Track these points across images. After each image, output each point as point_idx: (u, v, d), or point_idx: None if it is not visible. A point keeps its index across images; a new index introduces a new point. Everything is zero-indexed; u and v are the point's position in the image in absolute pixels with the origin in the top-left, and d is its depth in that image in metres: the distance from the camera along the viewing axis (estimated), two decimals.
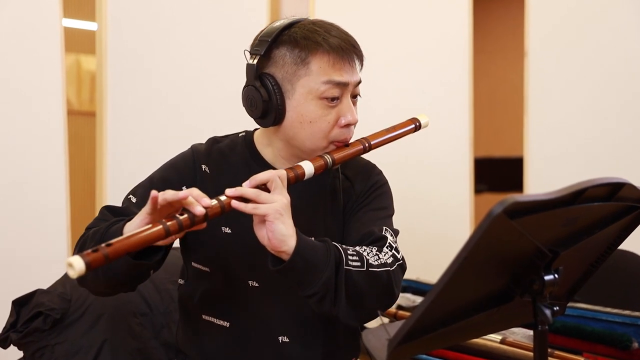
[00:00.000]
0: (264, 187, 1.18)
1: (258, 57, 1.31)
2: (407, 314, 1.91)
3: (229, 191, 1.16)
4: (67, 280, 1.63)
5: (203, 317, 1.40)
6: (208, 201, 1.13)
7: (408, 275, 1.53)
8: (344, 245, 1.24)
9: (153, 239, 1.08)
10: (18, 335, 1.54)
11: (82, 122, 3.76)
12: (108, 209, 1.33)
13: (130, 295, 1.65)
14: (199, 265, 1.39)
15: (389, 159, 1.66)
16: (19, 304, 1.57)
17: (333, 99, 1.30)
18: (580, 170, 2.83)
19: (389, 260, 1.25)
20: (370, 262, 1.23)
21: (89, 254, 0.99)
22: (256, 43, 1.33)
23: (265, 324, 1.36)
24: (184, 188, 1.25)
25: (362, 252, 1.24)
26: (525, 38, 3.00)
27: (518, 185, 3.26)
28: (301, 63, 1.29)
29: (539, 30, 2.98)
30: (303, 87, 1.30)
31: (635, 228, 1.12)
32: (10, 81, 2.29)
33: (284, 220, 1.15)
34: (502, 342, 1.61)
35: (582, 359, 1.56)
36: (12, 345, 1.57)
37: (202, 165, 1.38)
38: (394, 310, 1.96)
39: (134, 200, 1.34)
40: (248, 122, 1.44)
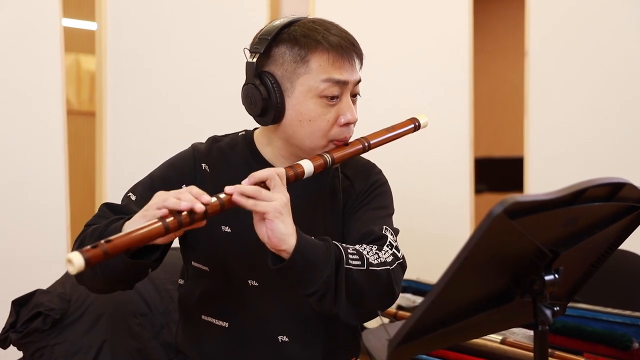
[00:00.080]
0: (263, 184, 1.18)
1: (258, 55, 1.31)
2: (407, 314, 1.91)
3: (228, 189, 1.15)
4: (66, 280, 1.63)
5: (202, 317, 1.39)
6: (207, 198, 1.13)
7: (408, 275, 1.52)
8: (344, 244, 1.24)
9: (152, 236, 1.08)
10: (18, 336, 1.53)
11: (82, 122, 3.75)
12: (107, 206, 1.33)
13: (130, 295, 1.65)
14: (198, 265, 1.39)
15: (389, 159, 1.66)
16: (19, 304, 1.56)
17: (332, 97, 1.30)
18: (581, 170, 2.83)
19: (389, 259, 1.25)
20: (370, 260, 1.23)
21: (88, 250, 0.99)
22: (256, 41, 1.33)
23: (264, 323, 1.36)
24: (183, 186, 1.24)
25: (362, 251, 1.24)
26: (526, 38, 3.00)
27: (518, 185, 3.26)
28: (301, 61, 1.29)
29: (539, 30, 2.98)
30: (302, 85, 1.30)
31: (635, 228, 1.12)
32: (9, 81, 2.28)
33: (283, 219, 1.15)
34: (503, 342, 1.61)
35: (582, 359, 1.56)
36: (11, 346, 1.57)
37: (202, 164, 1.38)
38: (394, 310, 1.95)
39: (133, 198, 1.33)
40: (248, 122, 1.44)
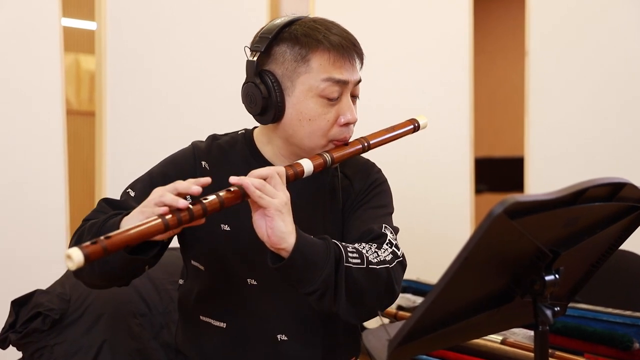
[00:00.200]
0: None
1: (258, 53, 1.31)
2: (408, 314, 1.91)
3: (233, 179, 1.15)
4: (66, 280, 1.63)
5: (201, 318, 1.39)
6: (197, 188, 1.13)
7: (408, 275, 1.52)
8: (344, 243, 1.24)
9: (152, 233, 1.07)
10: (17, 336, 1.53)
11: (82, 121, 3.75)
12: (106, 201, 1.32)
13: (130, 295, 1.64)
14: (196, 263, 1.39)
15: (389, 159, 1.66)
16: (18, 304, 1.56)
17: (333, 97, 1.30)
18: (581, 170, 2.83)
19: (388, 258, 1.25)
20: (370, 259, 1.22)
21: (87, 246, 0.99)
22: (256, 40, 1.33)
23: (263, 322, 1.36)
24: None
25: (361, 249, 1.24)
26: (526, 38, 3.00)
27: (519, 185, 3.26)
28: (301, 60, 1.29)
29: (540, 30, 2.98)
30: (303, 85, 1.29)
31: (636, 228, 1.12)
32: (9, 81, 2.28)
33: (283, 217, 1.14)
34: (503, 342, 1.60)
35: (583, 359, 1.55)
36: (11, 346, 1.56)
37: (202, 162, 1.38)
38: (394, 310, 1.95)
39: (132, 194, 1.33)
40: (248, 122, 1.44)
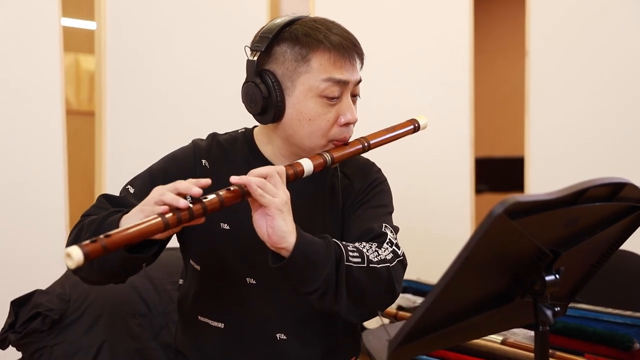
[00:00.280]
0: None
1: (258, 53, 1.31)
2: (408, 314, 1.90)
3: (233, 179, 1.15)
4: (66, 280, 1.63)
5: (199, 318, 1.39)
6: (198, 190, 1.12)
7: (408, 275, 1.52)
8: (344, 242, 1.23)
9: (151, 231, 1.07)
10: (17, 336, 1.53)
11: (81, 121, 3.75)
12: (105, 197, 1.32)
13: (129, 295, 1.64)
14: (194, 263, 1.39)
15: (389, 159, 1.66)
16: (18, 305, 1.56)
17: (333, 97, 1.30)
18: (582, 170, 2.83)
19: (388, 257, 1.25)
20: (371, 258, 1.22)
21: (87, 244, 0.99)
22: (257, 39, 1.33)
23: (262, 321, 1.36)
24: None
25: (362, 248, 1.24)
26: (526, 38, 3.00)
27: (519, 185, 3.26)
28: (302, 60, 1.29)
29: (540, 30, 2.97)
30: (303, 85, 1.29)
31: (636, 228, 1.12)
32: (9, 81, 2.28)
33: (284, 216, 1.14)
34: (503, 342, 1.60)
35: (583, 359, 1.55)
36: (10, 346, 1.56)
37: (203, 160, 1.38)
38: (394, 311, 1.95)
39: (132, 190, 1.33)
40: (248, 122, 1.44)
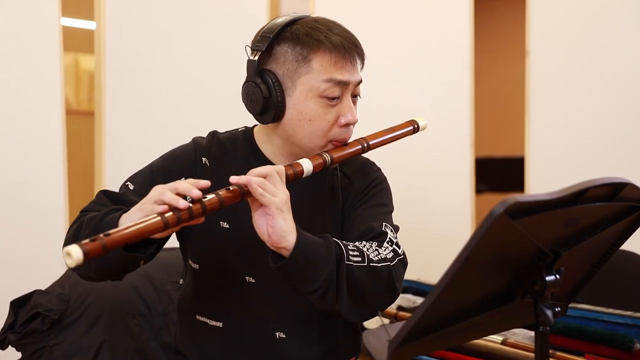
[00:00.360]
0: None
1: (259, 53, 1.30)
2: (408, 314, 1.90)
3: (233, 179, 1.15)
4: (65, 280, 1.62)
5: (197, 317, 1.39)
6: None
7: (408, 275, 1.52)
8: (344, 242, 1.23)
9: (151, 231, 1.07)
10: (16, 336, 1.53)
11: (81, 121, 3.74)
12: (105, 193, 1.32)
13: (129, 296, 1.64)
14: (192, 262, 1.39)
15: (388, 159, 1.65)
16: (17, 305, 1.56)
17: (333, 98, 1.29)
18: (582, 170, 2.83)
19: (389, 256, 1.24)
20: (371, 257, 1.22)
21: (87, 243, 0.99)
22: (258, 39, 1.32)
23: (261, 320, 1.35)
24: (182, 179, 1.24)
25: (362, 247, 1.24)
26: (527, 37, 3.00)
27: (519, 185, 3.26)
28: (302, 60, 1.29)
29: (540, 30, 2.97)
30: (304, 85, 1.29)
31: (637, 228, 1.12)
32: (9, 81, 2.28)
33: (284, 216, 1.14)
34: (503, 343, 1.60)
35: None
36: (10, 347, 1.56)
37: (203, 158, 1.38)
38: (394, 311, 1.95)
39: (131, 187, 1.32)
40: (248, 122, 1.44)
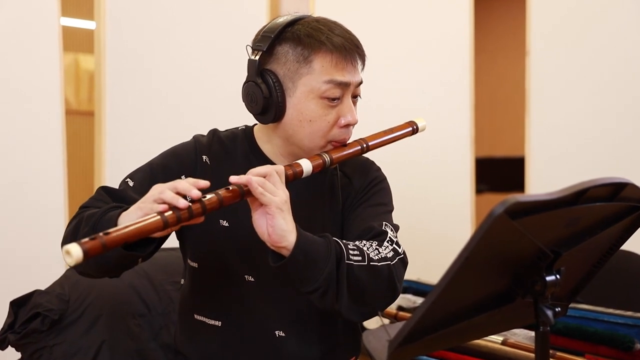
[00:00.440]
0: None
1: (260, 53, 1.30)
2: (408, 315, 1.90)
3: (233, 178, 1.15)
4: (65, 280, 1.62)
5: (195, 316, 1.39)
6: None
7: (408, 275, 1.52)
8: (344, 241, 1.23)
9: (150, 230, 1.07)
10: (16, 337, 1.53)
11: (81, 121, 3.74)
12: (105, 189, 1.32)
13: (129, 296, 1.64)
14: (195, 260, 1.39)
15: (388, 159, 1.65)
16: (17, 305, 1.56)
17: (334, 98, 1.29)
18: (582, 170, 2.83)
19: (389, 255, 1.24)
20: (371, 256, 1.22)
21: (86, 242, 0.99)
22: (259, 39, 1.32)
23: (261, 319, 1.35)
24: (183, 177, 1.24)
25: (362, 247, 1.23)
26: (527, 37, 3.00)
27: (519, 185, 3.26)
28: (303, 61, 1.28)
29: (540, 30, 2.97)
30: (304, 86, 1.29)
31: (637, 228, 1.12)
32: (8, 81, 2.28)
33: (284, 215, 1.14)
34: (504, 343, 1.60)
35: None
36: (10, 347, 1.56)
37: (203, 156, 1.38)
38: (394, 311, 1.95)
39: (131, 184, 1.32)
40: (248, 122, 1.44)
